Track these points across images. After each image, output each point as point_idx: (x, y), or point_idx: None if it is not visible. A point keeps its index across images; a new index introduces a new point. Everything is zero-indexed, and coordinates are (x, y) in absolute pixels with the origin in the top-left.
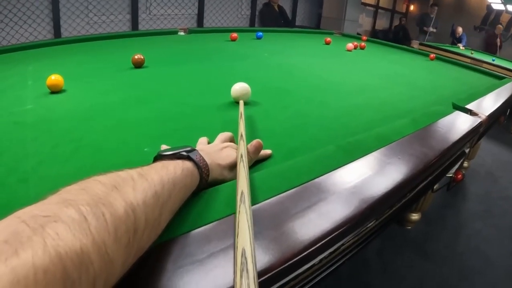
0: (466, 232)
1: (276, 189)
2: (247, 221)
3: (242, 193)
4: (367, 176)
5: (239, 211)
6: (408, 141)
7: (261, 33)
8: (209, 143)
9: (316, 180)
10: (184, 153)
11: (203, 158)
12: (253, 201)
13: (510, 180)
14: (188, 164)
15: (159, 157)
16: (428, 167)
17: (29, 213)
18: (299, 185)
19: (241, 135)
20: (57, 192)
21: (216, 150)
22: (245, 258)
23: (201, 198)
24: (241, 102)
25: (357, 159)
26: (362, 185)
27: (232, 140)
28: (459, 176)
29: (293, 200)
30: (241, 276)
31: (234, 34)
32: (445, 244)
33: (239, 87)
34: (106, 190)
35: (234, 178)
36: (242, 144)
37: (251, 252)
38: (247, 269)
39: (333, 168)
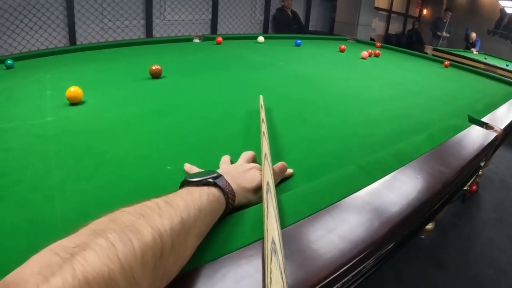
0: (479, 240)
1: (301, 213)
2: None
3: (268, 184)
4: (387, 198)
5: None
6: (426, 159)
7: (299, 41)
8: (231, 161)
9: (339, 202)
10: (211, 180)
11: (229, 183)
12: (281, 226)
13: None
14: (214, 190)
15: (185, 183)
16: (446, 186)
17: (61, 246)
18: (323, 209)
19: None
20: (87, 225)
21: (241, 172)
22: (274, 243)
23: (227, 223)
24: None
25: (377, 179)
26: (383, 207)
27: (255, 159)
28: (474, 187)
29: (317, 224)
30: (271, 260)
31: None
32: (458, 252)
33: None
34: (133, 218)
35: (259, 201)
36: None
37: (278, 239)
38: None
39: (355, 190)
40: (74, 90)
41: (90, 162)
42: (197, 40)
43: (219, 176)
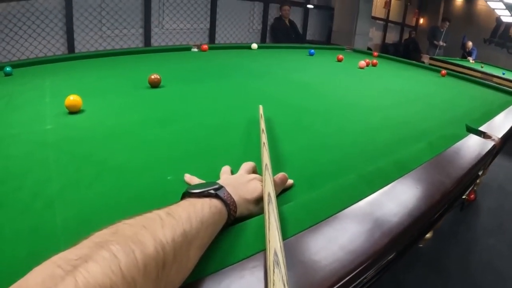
0: (478, 247)
1: (302, 223)
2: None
3: (269, 195)
4: (387, 208)
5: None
6: (426, 169)
7: (313, 51)
8: (232, 172)
9: (340, 213)
10: (212, 191)
11: (230, 195)
12: (283, 237)
13: None
14: (215, 202)
15: (187, 194)
16: (445, 196)
17: (64, 258)
18: (324, 219)
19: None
20: (89, 237)
21: (242, 183)
22: (276, 255)
23: (229, 234)
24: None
25: (378, 189)
26: (383, 218)
27: (255, 170)
28: (472, 196)
29: (318, 235)
30: (274, 271)
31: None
32: (458, 259)
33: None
34: (136, 230)
35: (260, 212)
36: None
37: (280, 250)
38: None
39: (356, 200)
40: (73, 99)
41: (90, 169)
42: (195, 49)
43: (221, 187)
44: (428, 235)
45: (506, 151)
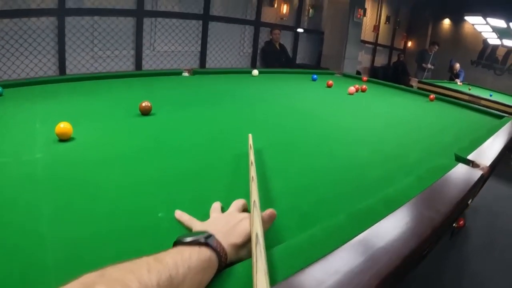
0: (469, 268)
1: (292, 267)
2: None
3: (257, 235)
4: (377, 247)
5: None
6: (415, 204)
7: (316, 76)
8: (222, 209)
9: (330, 254)
10: (202, 240)
11: (220, 243)
12: (271, 281)
13: (510, 215)
14: (204, 249)
15: (178, 243)
16: (435, 231)
17: None
18: (314, 262)
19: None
20: (77, 279)
21: (232, 227)
22: None
23: (218, 279)
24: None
25: (367, 228)
26: (374, 258)
27: (246, 208)
28: (461, 222)
29: (309, 278)
30: None
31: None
32: (449, 281)
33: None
34: (123, 273)
35: (249, 255)
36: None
37: None
38: None
39: (346, 240)
40: (63, 127)
41: (80, 203)
42: (186, 74)
43: (210, 235)
44: None
45: (495, 174)
